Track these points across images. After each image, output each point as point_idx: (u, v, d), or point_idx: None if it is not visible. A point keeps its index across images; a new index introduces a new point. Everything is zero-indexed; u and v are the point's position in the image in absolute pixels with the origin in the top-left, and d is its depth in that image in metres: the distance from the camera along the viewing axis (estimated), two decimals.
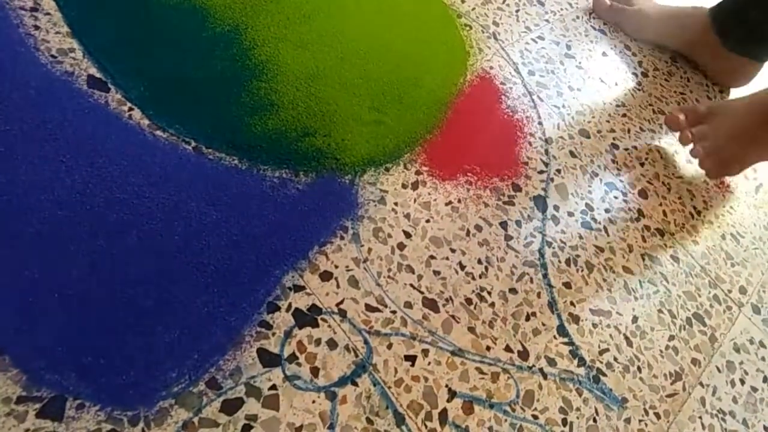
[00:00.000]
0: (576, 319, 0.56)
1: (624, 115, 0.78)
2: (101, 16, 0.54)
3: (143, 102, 0.51)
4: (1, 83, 0.47)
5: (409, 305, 0.50)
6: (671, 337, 0.59)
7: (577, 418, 0.50)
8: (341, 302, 0.48)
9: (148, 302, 0.42)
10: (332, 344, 0.46)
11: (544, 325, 0.54)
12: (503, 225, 0.59)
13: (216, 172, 0.50)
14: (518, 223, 0.60)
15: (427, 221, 0.56)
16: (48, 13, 0.52)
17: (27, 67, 0.49)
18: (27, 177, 0.43)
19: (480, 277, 0.55)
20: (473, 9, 0.78)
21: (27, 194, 0.42)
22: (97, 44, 0.52)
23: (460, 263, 0.55)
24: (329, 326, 0.46)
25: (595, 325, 0.56)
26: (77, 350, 0.38)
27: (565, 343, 0.54)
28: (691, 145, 0.75)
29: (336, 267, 0.50)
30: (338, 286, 0.49)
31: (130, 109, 0.50)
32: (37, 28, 0.51)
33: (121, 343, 0.40)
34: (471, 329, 0.51)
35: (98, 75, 0.51)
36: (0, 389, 0.36)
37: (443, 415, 0.46)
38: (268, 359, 0.43)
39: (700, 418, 0.55)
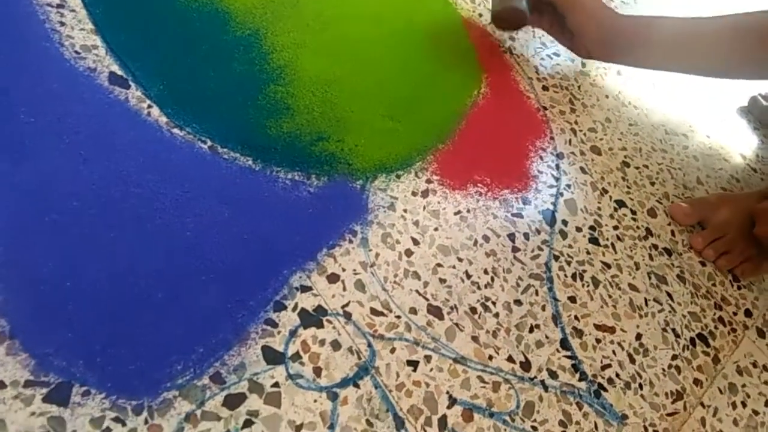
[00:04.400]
0: (580, 333, 0.56)
1: (636, 134, 0.78)
2: (125, 15, 0.56)
3: (162, 100, 0.52)
4: (25, 77, 0.48)
5: (413, 311, 0.51)
6: (674, 357, 0.59)
7: (576, 431, 0.50)
8: (347, 305, 0.48)
9: (157, 295, 0.43)
10: (336, 345, 0.46)
11: (547, 337, 0.54)
12: (511, 237, 0.59)
13: (230, 172, 0.51)
14: (526, 235, 0.60)
15: (436, 229, 0.56)
16: (73, 10, 0.54)
17: (51, 62, 0.50)
18: (46, 168, 0.44)
19: (486, 287, 0.55)
20: (490, 23, 0.79)
21: (45, 185, 0.43)
22: (119, 42, 0.53)
23: (466, 272, 0.55)
24: (334, 328, 0.47)
25: (598, 341, 0.56)
26: (86, 338, 0.39)
27: (567, 357, 0.54)
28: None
29: (343, 270, 0.50)
30: (345, 289, 0.49)
31: (149, 106, 0.51)
32: (62, 24, 0.52)
33: (129, 333, 0.40)
34: (474, 338, 0.51)
35: (120, 72, 0.52)
36: (9, 372, 0.37)
37: (443, 422, 0.46)
38: (272, 357, 0.44)
39: None
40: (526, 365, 0.52)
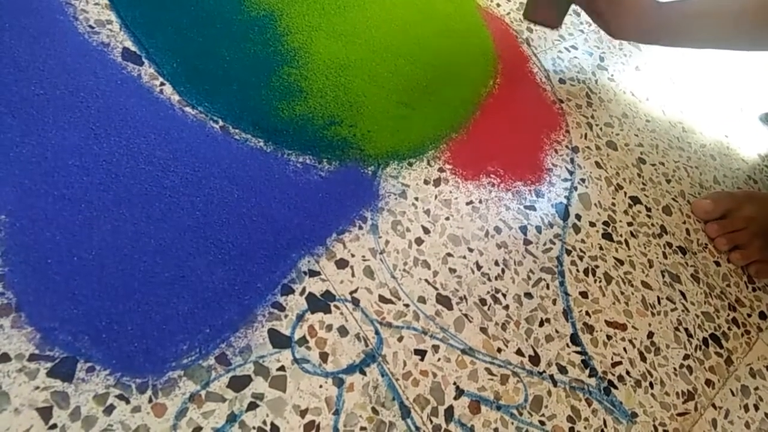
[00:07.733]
0: (590, 329, 0.55)
1: (653, 131, 0.77)
2: None
3: (175, 78, 0.51)
4: (38, 49, 0.48)
5: (422, 300, 0.50)
6: (686, 356, 0.58)
7: (585, 428, 0.49)
8: (355, 291, 0.48)
9: (165, 273, 0.42)
10: (343, 331, 0.46)
11: (557, 332, 0.54)
12: (523, 229, 0.58)
13: (241, 153, 0.50)
14: (538, 228, 0.59)
15: (447, 219, 0.55)
16: None
17: (65, 36, 0.49)
18: (56, 141, 0.44)
19: (496, 278, 0.54)
20: (508, 14, 0.78)
21: (55, 158, 0.43)
22: (134, 18, 0.53)
23: (476, 263, 0.54)
24: (341, 313, 0.46)
25: (609, 337, 0.55)
26: (92, 314, 0.39)
27: (577, 352, 0.53)
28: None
29: (352, 256, 0.49)
30: (353, 275, 0.49)
31: (162, 84, 0.51)
32: None
33: (135, 310, 0.40)
34: (483, 330, 0.51)
35: (133, 48, 0.52)
36: (14, 345, 0.37)
37: (449, 412, 0.46)
38: (279, 340, 0.43)
39: None
40: (535, 359, 0.51)
